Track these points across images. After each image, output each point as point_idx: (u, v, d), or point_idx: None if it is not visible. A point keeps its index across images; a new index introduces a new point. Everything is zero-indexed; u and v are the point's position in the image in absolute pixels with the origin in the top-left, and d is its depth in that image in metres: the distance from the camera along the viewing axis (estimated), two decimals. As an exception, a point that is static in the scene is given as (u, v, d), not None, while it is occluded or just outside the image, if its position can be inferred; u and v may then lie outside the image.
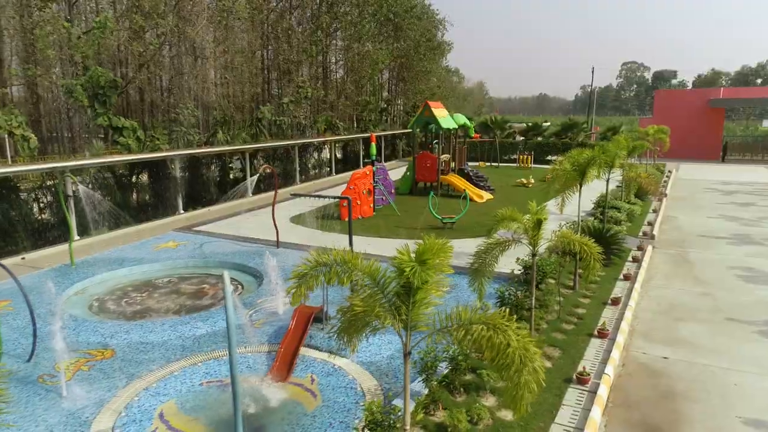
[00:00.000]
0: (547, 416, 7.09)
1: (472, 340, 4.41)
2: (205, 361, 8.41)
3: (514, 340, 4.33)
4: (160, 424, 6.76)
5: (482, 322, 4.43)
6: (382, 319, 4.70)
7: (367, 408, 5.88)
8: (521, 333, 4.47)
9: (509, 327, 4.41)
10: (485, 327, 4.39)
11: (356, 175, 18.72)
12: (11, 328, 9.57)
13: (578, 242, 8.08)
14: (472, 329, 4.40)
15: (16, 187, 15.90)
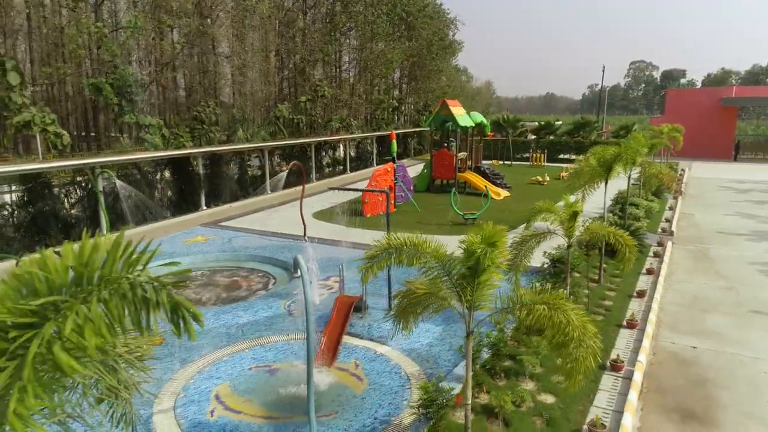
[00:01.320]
0: (585, 400, 7.39)
1: (533, 319, 4.73)
2: (252, 347, 8.76)
3: (573, 318, 4.65)
4: (217, 405, 7.11)
5: (543, 302, 4.75)
6: (448, 299, 5.02)
7: (422, 387, 6.20)
8: (579, 313, 4.79)
9: (569, 307, 4.73)
10: (546, 307, 4.71)
11: (378, 171, 19.04)
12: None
13: (613, 234, 8.37)
14: (534, 309, 4.72)
15: (48, 183, 16.32)
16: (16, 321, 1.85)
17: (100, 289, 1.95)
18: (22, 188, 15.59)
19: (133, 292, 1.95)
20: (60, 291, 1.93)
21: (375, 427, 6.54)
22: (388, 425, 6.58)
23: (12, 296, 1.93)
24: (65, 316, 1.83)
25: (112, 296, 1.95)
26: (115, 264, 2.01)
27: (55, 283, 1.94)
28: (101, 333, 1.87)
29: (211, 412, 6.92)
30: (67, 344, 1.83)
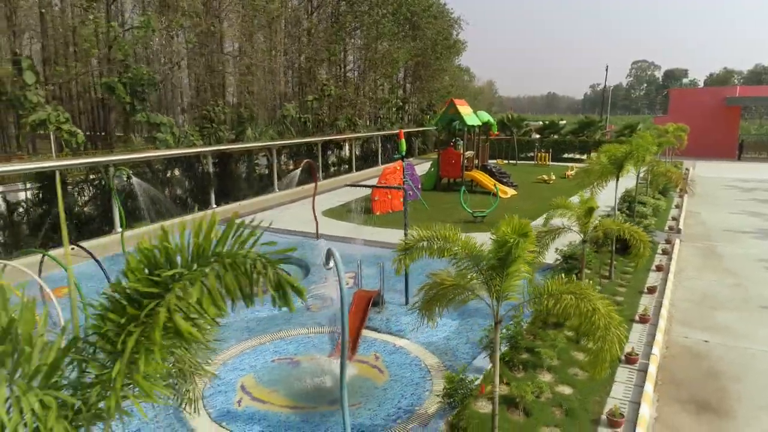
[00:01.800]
0: (602, 391, 7.56)
1: (561, 308, 4.90)
2: (273, 340, 8.95)
3: (600, 307, 4.82)
4: (243, 395, 7.29)
5: (570, 291, 4.92)
6: (474, 290, 5.20)
7: (446, 377, 6.39)
8: (605, 302, 4.96)
9: (595, 296, 4.90)
10: (573, 296, 4.88)
11: (387, 170, 19.22)
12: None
13: (628, 230, 8.54)
14: (561, 298, 4.89)
15: (63, 181, 16.51)
16: (144, 290, 2.04)
17: (216, 264, 2.13)
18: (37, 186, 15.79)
19: (245, 267, 2.13)
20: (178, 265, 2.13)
21: (399, 416, 6.72)
22: (412, 414, 6.76)
23: (140, 268, 2.12)
24: (186, 287, 2.02)
25: (227, 270, 2.13)
26: (228, 242, 2.19)
27: (176, 257, 2.13)
28: (217, 304, 2.05)
29: (239, 402, 7.11)
30: (189, 312, 2.03)
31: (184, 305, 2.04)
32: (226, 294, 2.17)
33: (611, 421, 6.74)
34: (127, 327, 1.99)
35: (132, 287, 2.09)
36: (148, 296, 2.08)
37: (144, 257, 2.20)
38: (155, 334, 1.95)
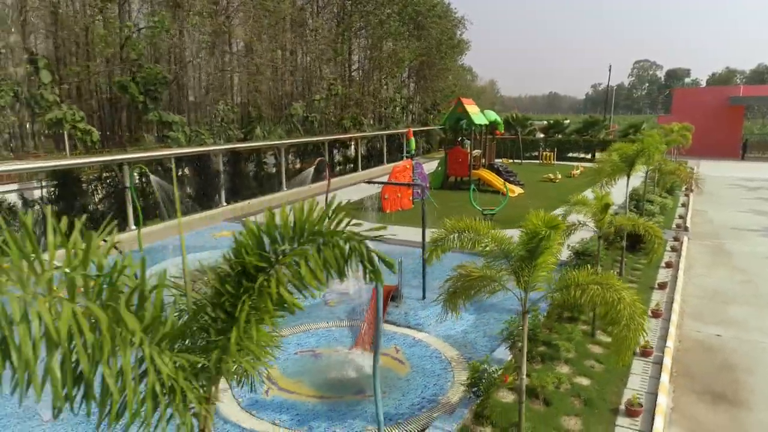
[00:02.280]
0: (618, 382, 7.75)
1: (588, 298, 5.09)
2: (294, 333, 9.14)
3: (626, 297, 5.01)
4: (270, 385, 7.48)
5: (597, 282, 5.11)
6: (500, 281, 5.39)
7: (471, 367, 6.58)
8: (630, 292, 5.15)
9: (620, 287, 5.09)
10: (600, 286, 5.07)
11: (397, 168, 19.40)
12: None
13: (643, 225, 8.72)
14: (588, 288, 5.08)
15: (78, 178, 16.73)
16: (256, 264, 2.23)
17: (317, 241, 2.33)
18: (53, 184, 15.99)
19: (341, 244, 2.33)
20: (281, 242, 2.33)
21: (423, 406, 6.91)
22: (436, 404, 6.95)
23: (250, 245, 2.31)
24: (291, 263, 2.22)
25: (326, 248, 2.32)
26: (325, 222, 2.38)
27: (278, 235, 2.33)
28: (318, 278, 2.25)
29: (266, 392, 7.30)
30: (296, 285, 2.23)
31: (292, 278, 2.24)
32: (328, 268, 2.37)
33: (630, 410, 6.93)
34: (242, 297, 2.20)
35: (247, 261, 2.30)
36: (259, 270, 2.28)
37: (252, 236, 2.40)
38: (267, 303, 2.15)
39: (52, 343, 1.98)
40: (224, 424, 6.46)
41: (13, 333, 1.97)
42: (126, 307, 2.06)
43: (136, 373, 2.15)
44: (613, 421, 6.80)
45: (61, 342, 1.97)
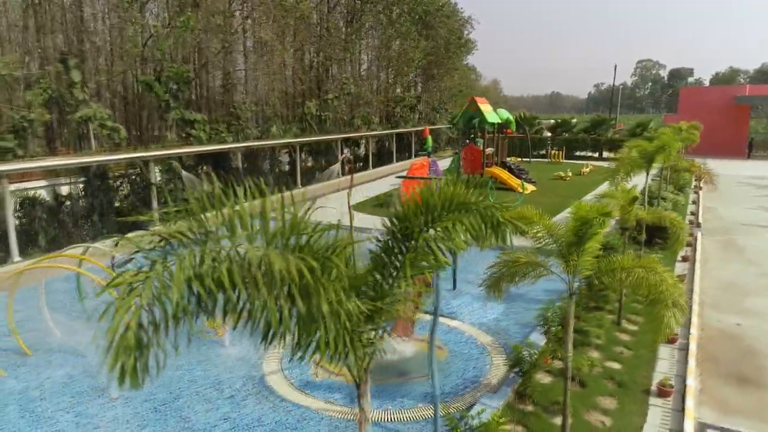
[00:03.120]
0: (647, 367, 8.16)
1: (632, 280, 5.49)
2: (333, 321, 9.55)
3: (668, 279, 5.41)
4: (317, 368, 7.89)
5: (641, 266, 5.51)
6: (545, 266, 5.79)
7: (514, 348, 6.99)
8: (670, 274, 5.55)
9: (662, 270, 5.49)
10: (644, 270, 5.47)
11: (415, 165, 19.78)
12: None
13: (668, 218, 9.12)
14: (633, 272, 5.48)
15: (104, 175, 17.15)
16: (414, 227, 2.66)
17: (462, 210, 2.74)
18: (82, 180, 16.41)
19: (482, 212, 2.74)
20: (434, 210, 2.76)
21: (466, 386, 7.32)
22: (478, 385, 7.35)
23: (410, 212, 2.73)
24: (445, 227, 2.64)
25: (469, 215, 2.74)
26: (468, 196, 2.79)
27: (433, 205, 2.76)
28: (465, 240, 2.67)
29: (315, 374, 7.71)
30: (443, 244, 2.66)
31: (443, 239, 2.66)
32: (471, 231, 2.78)
33: (661, 390, 7.34)
34: (406, 254, 2.61)
35: (411, 224, 2.74)
36: (418, 230, 2.72)
37: (414, 204, 2.83)
38: (428, 258, 2.56)
39: (271, 284, 2.39)
40: (281, 402, 6.87)
41: (252, 274, 2.38)
42: (326, 260, 2.48)
43: (331, 312, 2.54)
44: (646, 401, 7.21)
45: (284, 282, 2.38)
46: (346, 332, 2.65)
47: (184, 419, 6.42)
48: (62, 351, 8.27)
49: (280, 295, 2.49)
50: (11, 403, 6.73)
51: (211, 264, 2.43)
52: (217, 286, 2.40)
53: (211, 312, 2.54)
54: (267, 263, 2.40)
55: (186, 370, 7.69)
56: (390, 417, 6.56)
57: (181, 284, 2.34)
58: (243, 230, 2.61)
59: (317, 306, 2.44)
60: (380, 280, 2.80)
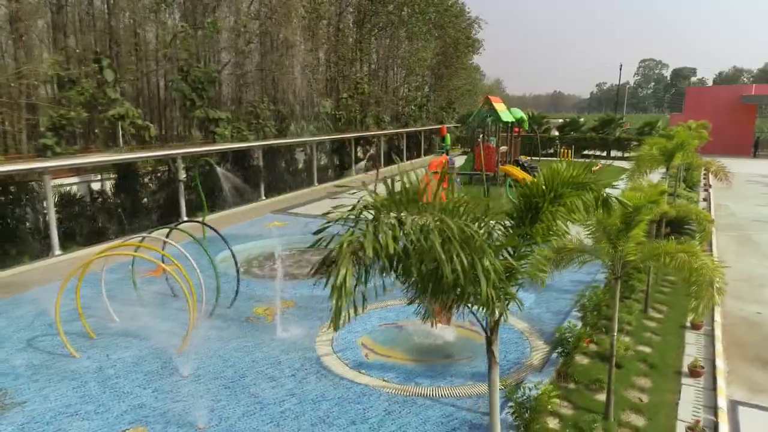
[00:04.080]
0: (676, 351, 8.66)
1: (675, 264, 5.98)
2: (373, 309, 10.03)
3: (708, 263, 5.90)
4: (368, 351, 8.40)
5: (683, 251, 6.00)
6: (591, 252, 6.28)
7: (557, 330, 7.48)
8: (711, 259, 6.03)
9: (703, 254, 5.98)
10: (686, 254, 5.96)
11: (434, 162, 20.24)
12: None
13: (694, 211, 9.60)
14: (676, 256, 5.96)
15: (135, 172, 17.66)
16: (542, 201, 3.17)
17: (578, 188, 3.26)
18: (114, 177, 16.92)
19: (592, 189, 3.24)
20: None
21: (510, 367, 7.81)
22: (521, 366, 7.84)
23: (538, 188, 3.27)
24: (567, 201, 3.15)
25: (584, 193, 3.23)
26: (581, 177, 3.30)
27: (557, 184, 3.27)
28: (581, 210, 3.17)
29: (366, 356, 8.21)
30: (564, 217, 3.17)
31: (563, 213, 3.16)
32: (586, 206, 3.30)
33: (692, 371, 7.83)
34: (537, 225, 3.11)
35: (538, 198, 3.25)
36: (546, 205, 3.24)
37: (541, 181, 3.34)
38: (556, 227, 3.06)
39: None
40: (340, 380, 7.36)
41: (429, 238, 2.89)
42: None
43: (487, 269, 3.04)
44: (679, 381, 7.70)
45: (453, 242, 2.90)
46: (494, 287, 3.13)
47: (254, 395, 6.91)
48: (123, 335, 8.77)
49: (452, 250, 2.97)
50: (90, 381, 7.24)
51: (409, 225, 2.96)
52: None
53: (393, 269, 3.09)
54: (447, 228, 2.89)
55: (245, 352, 8.19)
56: (443, 393, 7.05)
57: (387, 241, 2.87)
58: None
59: (480, 262, 2.93)
60: (520, 244, 3.29)
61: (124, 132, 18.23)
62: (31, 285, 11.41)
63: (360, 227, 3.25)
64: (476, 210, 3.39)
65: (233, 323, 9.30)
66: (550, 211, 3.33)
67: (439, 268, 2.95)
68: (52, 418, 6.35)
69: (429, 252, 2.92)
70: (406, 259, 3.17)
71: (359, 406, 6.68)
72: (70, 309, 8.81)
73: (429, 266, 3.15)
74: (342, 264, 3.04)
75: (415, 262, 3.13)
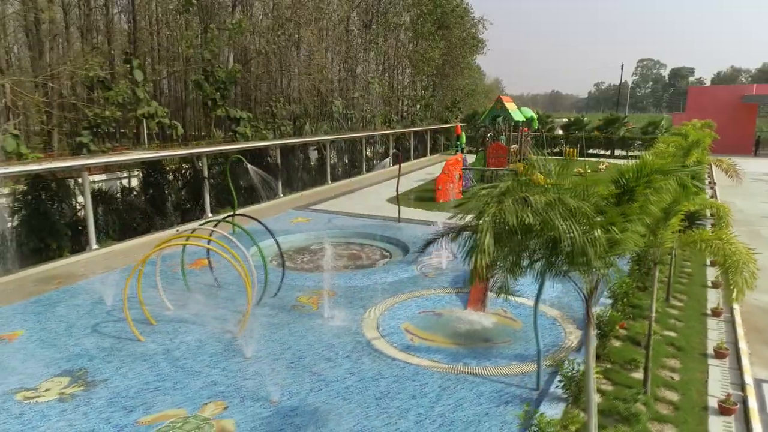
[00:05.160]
0: (699, 335, 9.26)
1: (711, 250, 6.54)
2: (410, 298, 10.58)
3: (742, 249, 6.46)
4: (412, 335, 8.94)
5: (719, 238, 6.56)
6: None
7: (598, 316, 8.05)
8: (745, 245, 6.60)
9: (737, 242, 6.54)
10: (721, 241, 6.52)
11: (450, 161, 20.84)
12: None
13: (713, 204, 10.16)
14: (713, 243, 6.53)
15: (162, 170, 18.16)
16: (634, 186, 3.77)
17: (668, 175, 3.82)
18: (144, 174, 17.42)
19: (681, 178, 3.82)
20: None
21: (549, 349, 8.36)
22: (559, 348, 8.40)
23: (630, 175, 3.84)
24: (657, 186, 3.72)
25: (671, 178, 3.81)
26: (667, 166, 3.86)
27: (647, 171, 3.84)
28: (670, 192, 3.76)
29: (411, 340, 8.76)
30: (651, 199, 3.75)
31: (651, 195, 3.74)
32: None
33: (717, 353, 8.42)
34: (633, 205, 3.69)
35: (631, 184, 3.84)
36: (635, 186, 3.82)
37: (633, 169, 3.93)
38: (650, 207, 3.62)
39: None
40: (393, 360, 7.90)
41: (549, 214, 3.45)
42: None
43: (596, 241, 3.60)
44: (705, 362, 8.29)
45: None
46: (599, 256, 3.68)
47: (316, 374, 7.46)
48: (180, 321, 9.30)
49: (568, 223, 3.52)
50: (161, 361, 7.77)
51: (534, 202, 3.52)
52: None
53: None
54: (565, 205, 3.45)
55: (298, 336, 8.72)
56: (491, 372, 7.60)
57: (521, 213, 3.45)
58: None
59: (591, 233, 3.50)
60: (620, 220, 3.84)
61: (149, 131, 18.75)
62: (77, 277, 11.93)
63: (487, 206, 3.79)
64: (582, 191, 3.95)
65: (281, 311, 9.84)
66: (642, 193, 3.90)
67: (557, 239, 3.50)
68: (136, 393, 6.89)
69: (548, 224, 3.47)
70: (528, 231, 3.72)
71: (415, 383, 7.23)
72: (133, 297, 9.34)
73: (548, 236, 3.71)
74: (485, 230, 3.57)
75: (537, 233, 3.69)
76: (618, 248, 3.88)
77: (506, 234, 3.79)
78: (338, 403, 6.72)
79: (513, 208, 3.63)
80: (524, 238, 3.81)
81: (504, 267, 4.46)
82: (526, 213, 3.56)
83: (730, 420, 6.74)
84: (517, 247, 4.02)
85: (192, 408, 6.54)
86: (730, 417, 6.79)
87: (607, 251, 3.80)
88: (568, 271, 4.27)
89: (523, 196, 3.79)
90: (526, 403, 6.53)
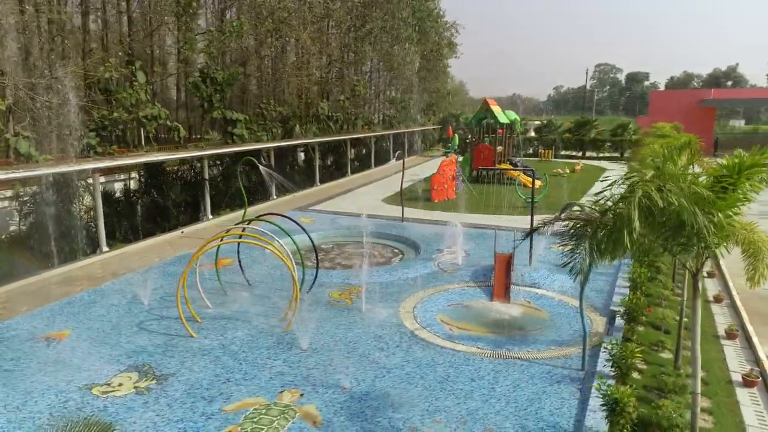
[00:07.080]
0: (708, 319, 10.11)
1: (737, 239, 7.31)
2: (437, 292, 11.09)
3: (764, 238, 7.24)
4: (450, 326, 9.45)
5: (744, 228, 7.33)
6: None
7: (622, 302, 8.75)
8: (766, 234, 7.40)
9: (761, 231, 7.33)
10: (746, 231, 7.29)
11: (444, 162, 21.47)
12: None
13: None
14: (738, 232, 7.29)
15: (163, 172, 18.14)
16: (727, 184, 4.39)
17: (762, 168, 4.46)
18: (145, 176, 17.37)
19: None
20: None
21: (580, 335, 9.00)
22: (587, 335, 9.05)
23: (723, 173, 4.43)
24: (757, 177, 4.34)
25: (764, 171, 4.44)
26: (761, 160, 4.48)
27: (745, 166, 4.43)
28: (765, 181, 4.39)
29: (451, 329, 9.27)
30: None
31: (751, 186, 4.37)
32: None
33: (729, 334, 9.26)
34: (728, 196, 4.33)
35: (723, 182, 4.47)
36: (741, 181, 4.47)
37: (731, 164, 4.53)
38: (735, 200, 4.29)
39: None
40: (441, 348, 8.39)
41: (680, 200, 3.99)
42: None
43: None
44: (719, 342, 9.11)
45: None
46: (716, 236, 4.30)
47: (374, 362, 7.87)
48: (224, 318, 9.54)
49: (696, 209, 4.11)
50: (222, 355, 8.03)
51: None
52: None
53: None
54: (695, 193, 4.01)
55: (345, 329, 9.11)
56: (535, 356, 8.19)
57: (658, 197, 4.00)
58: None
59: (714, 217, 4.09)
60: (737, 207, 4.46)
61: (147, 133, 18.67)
62: (99, 279, 11.95)
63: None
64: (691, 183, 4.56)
65: (318, 306, 10.18)
66: (741, 183, 4.54)
67: (684, 221, 4.10)
68: (209, 384, 7.15)
69: (680, 209, 4.07)
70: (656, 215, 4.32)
71: (470, 367, 7.75)
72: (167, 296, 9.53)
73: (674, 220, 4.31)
74: (632, 207, 4.13)
75: (668, 217, 4.28)
76: (723, 232, 4.49)
77: (642, 216, 4.36)
78: (405, 387, 7.16)
79: (655, 192, 4.20)
80: (656, 219, 4.37)
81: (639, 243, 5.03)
82: (665, 197, 4.15)
83: (755, 391, 7.53)
84: (657, 228, 4.58)
85: (269, 396, 6.86)
86: (754, 388, 7.58)
87: (716, 234, 4.41)
88: (685, 249, 4.86)
89: (658, 185, 4.38)
90: (599, 376, 7.05)
